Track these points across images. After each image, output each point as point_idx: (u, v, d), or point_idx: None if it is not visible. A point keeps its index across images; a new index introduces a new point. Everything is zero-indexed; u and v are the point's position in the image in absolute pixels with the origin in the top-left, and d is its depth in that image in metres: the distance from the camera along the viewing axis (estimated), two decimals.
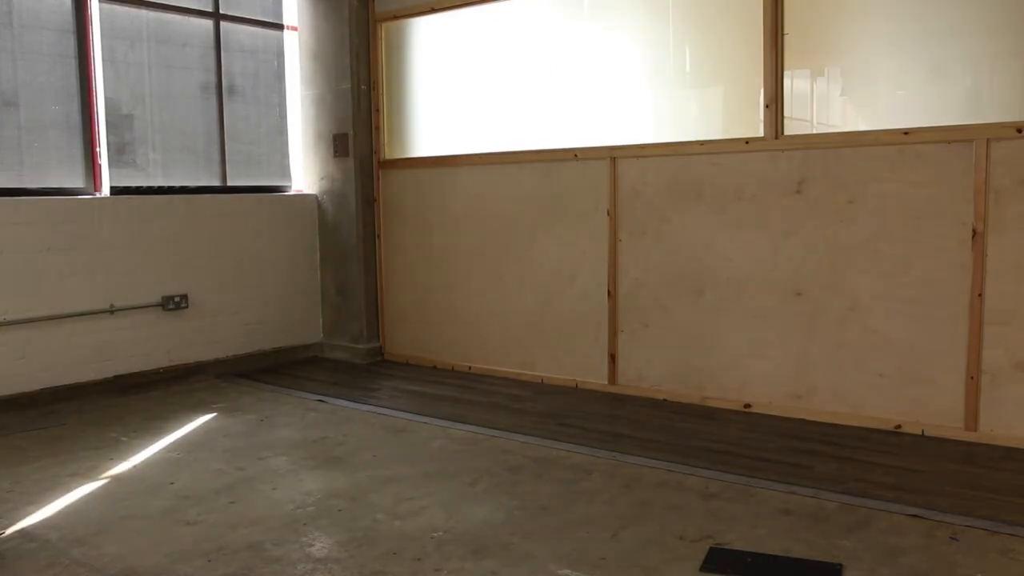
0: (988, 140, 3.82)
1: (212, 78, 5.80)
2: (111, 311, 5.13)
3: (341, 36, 5.93)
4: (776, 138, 4.40)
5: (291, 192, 6.32)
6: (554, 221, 5.25)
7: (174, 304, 5.43)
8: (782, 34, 4.34)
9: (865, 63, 4.26)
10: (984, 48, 3.98)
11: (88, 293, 5.03)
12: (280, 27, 6.25)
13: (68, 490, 3.49)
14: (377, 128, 6.08)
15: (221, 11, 5.81)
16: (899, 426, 4.15)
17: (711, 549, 2.81)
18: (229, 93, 5.90)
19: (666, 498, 3.32)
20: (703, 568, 2.69)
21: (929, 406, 4.08)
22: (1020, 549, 2.79)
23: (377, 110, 6.06)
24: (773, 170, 4.42)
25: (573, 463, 3.76)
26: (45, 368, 4.86)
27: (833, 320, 4.30)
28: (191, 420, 4.55)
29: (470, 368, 5.74)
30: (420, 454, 3.93)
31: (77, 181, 5.12)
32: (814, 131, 4.42)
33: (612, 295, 5.04)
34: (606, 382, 5.11)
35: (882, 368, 4.19)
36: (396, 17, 5.92)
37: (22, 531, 3.07)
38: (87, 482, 3.59)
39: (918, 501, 3.21)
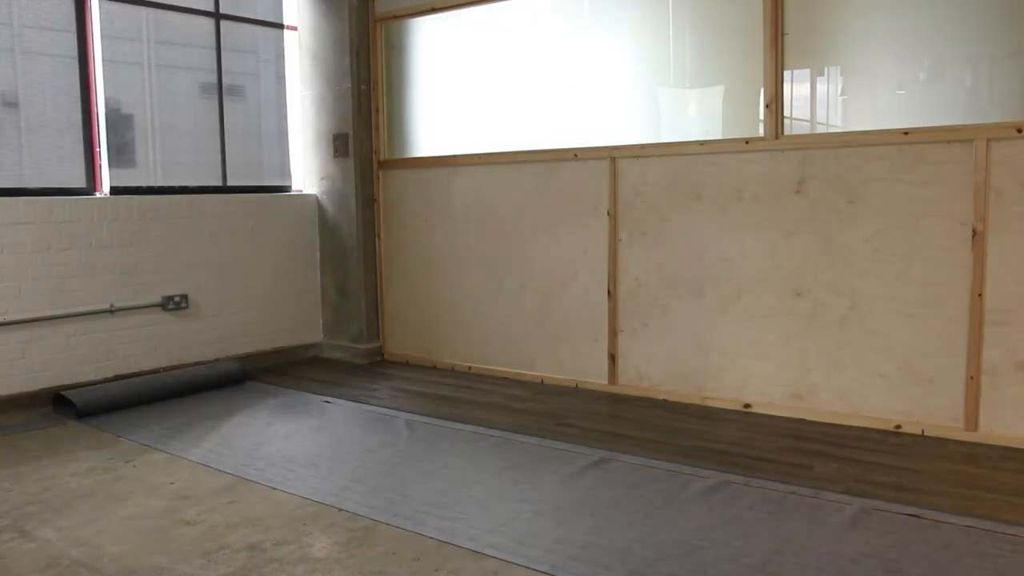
0: (988, 140, 3.82)
1: (212, 78, 5.80)
2: (111, 311, 5.13)
3: (341, 36, 5.93)
4: (776, 138, 4.40)
5: (291, 192, 6.32)
6: (554, 221, 5.25)
7: (174, 304, 5.43)
8: (782, 34, 4.34)
9: (865, 63, 4.26)
10: (984, 48, 3.98)
11: (88, 293, 5.03)
12: (280, 27, 6.25)
13: (68, 490, 3.49)
14: (377, 128, 6.08)
15: (221, 11, 5.81)
16: (899, 426, 4.15)
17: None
18: (229, 93, 5.90)
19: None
20: None
21: (929, 406, 4.08)
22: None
23: (377, 110, 6.06)
24: (773, 170, 4.42)
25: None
26: (45, 368, 4.86)
27: (833, 320, 4.30)
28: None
29: (470, 368, 5.74)
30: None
31: (77, 181, 5.12)
32: (814, 131, 4.42)
33: (612, 295, 5.04)
34: (606, 382, 5.11)
35: (882, 368, 4.19)
36: (396, 17, 5.93)
37: (22, 531, 3.07)
38: (87, 482, 3.59)
39: (918, 501, 3.21)
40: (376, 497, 3.34)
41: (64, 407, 4.72)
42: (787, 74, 4.37)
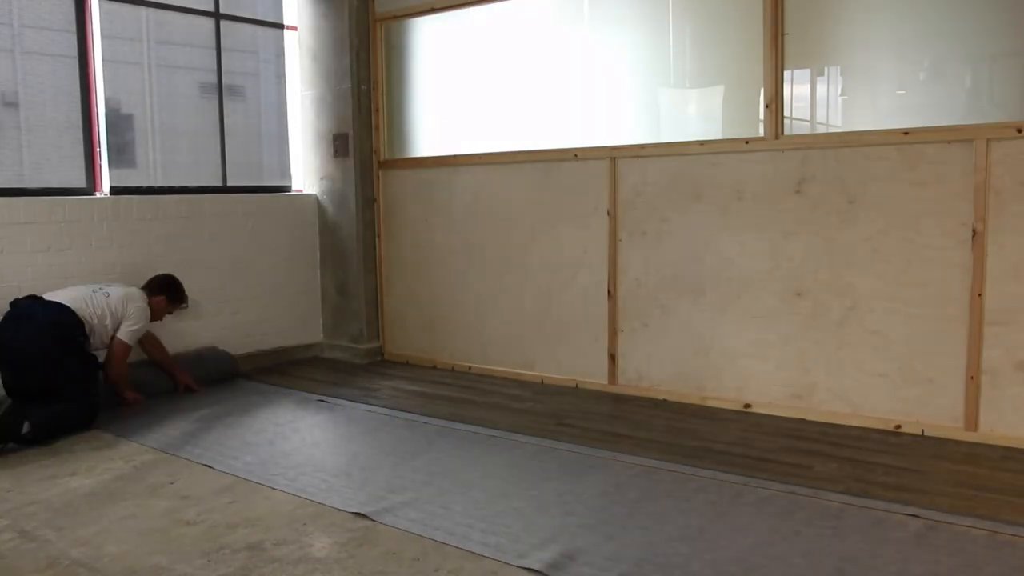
0: (988, 140, 3.82)
1: (212, 78, 5.80)
2: None
3: (341, 36, 5.93)
4: (776, 138, 4.40)
5: (291, 192, 6.32)
6: (554, 221, 5.25)
7: None
8: (782, 34, 4.34)
9: (865, 63, 4.26)
10: (984, 48, 3.98)
11: None
12: (280, 27, 6.25)
13: (68, 490, 3.49)
14: (377, 128, 6.08)
15: (221, 11, 5.81)
16: (899, 426, 4.15)
17: None
18: (229, 93, 5.90)
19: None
20: None
21: (929, 406, 4.08)
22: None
23: (377, 110, 6.06)
24: (773, 170, 4.42)
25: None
26: None
27: (833, 320, 4.30)
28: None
29: (470, 368, 5.74)
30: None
31: (77, 181, 5.12)
32: (814, 131, 4.42)
33: (612, 295, 5.04)
34: (606, 382, 5.11)
35: (882, 368, 4.19)
36: (396, 17, 5.92)
37: (22, 531, 3.07)
38: (87, 482, 3.59)
39: (918, 501, 3.21)
40: (365, 492, 3.35)
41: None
42: (787, 74, 4.37)
